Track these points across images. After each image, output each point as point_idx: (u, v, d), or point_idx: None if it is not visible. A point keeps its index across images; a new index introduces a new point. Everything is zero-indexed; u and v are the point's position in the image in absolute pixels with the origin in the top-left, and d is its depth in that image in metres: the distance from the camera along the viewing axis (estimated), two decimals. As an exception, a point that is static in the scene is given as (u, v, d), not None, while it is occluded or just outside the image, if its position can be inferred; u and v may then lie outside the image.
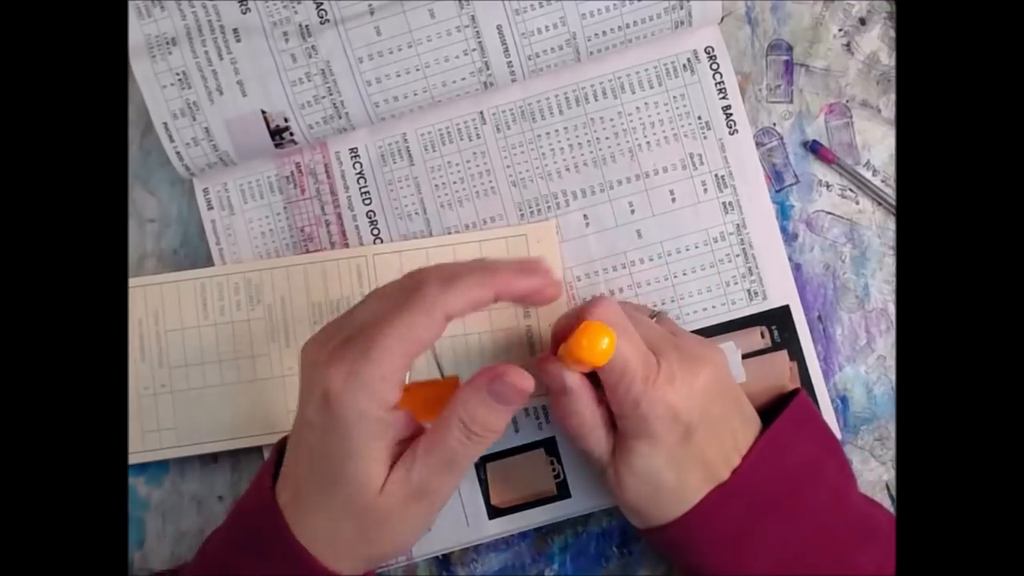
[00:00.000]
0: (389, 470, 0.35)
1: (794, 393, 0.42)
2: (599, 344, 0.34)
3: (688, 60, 0.46)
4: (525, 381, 0.34)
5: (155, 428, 0.45)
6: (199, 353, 0.46)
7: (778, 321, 0.46)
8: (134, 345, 0.46)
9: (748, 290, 0.46)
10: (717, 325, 0.46)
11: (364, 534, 0.35)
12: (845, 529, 0.38)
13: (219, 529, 0.39)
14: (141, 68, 0.45)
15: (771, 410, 0.40)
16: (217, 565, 0.37)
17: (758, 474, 0.38)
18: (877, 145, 0.47)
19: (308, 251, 0.47)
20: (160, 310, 0.46)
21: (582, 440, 0.38)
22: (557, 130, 0.47)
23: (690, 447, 0.37)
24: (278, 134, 0.45)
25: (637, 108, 0.46)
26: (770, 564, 0.37)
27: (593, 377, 0.38)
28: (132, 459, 0.45)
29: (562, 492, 0.45)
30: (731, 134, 0.46)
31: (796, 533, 0.37)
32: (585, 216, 0.46)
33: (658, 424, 0.36)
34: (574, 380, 0.37)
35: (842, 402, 0.46)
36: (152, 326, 0.46)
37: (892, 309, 0.46)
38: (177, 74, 0.45)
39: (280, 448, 0.38)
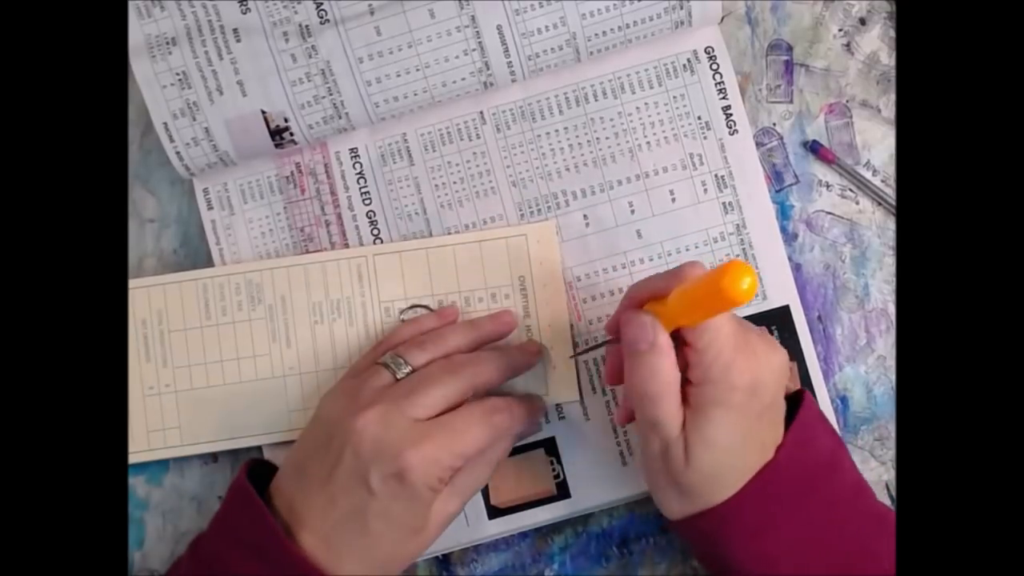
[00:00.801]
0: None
1: (799, 394, 0.42)
2: (741, 282, 0.33)
3: (688, 60, 0.46)
4: None
5: (160, 427, 0.46)
6: (201, 353, 0.46)
7: (778, 321, 0.46)
8: (139, 345, 0.46)
9: (748, 290, 0.46)
10: (717, 325, 0.46)
11: (391, 566, 0.39)
12: (863, 520, 0.38)
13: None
14: (141, 68, 0.45)
15: None
16: None
17: (788, 465, 0.38)
18: (877, 145, 0.47)
19: (308, 251, 0.47)
20: (163, 311, 0.46)
21: (657, 405, 0.36)
22: (557, 130, 0.47)
23: (759, 425, 0.37)
24: (278, 134, 0.45)
25: (637, 108, 0.46)
26: (792, 554, 0.37)
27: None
28: (137, 458, 0.46)
29: (562, 492, 0.45)
30: (731, 134, 0.46)
31: (818, 523, 0.37)
32: (585, 216, 0.46)
33: (740, 394, 0.36)
34: (665, 337, 0.36)
35: (842, 402, 0.46)
36: (156, 326, 0.46)
37: (892, 309, 0.46)
38: (177, 74, 0.45)
39: (260, 494, 0.39)
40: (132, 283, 0.46)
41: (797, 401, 0.40)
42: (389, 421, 0.38)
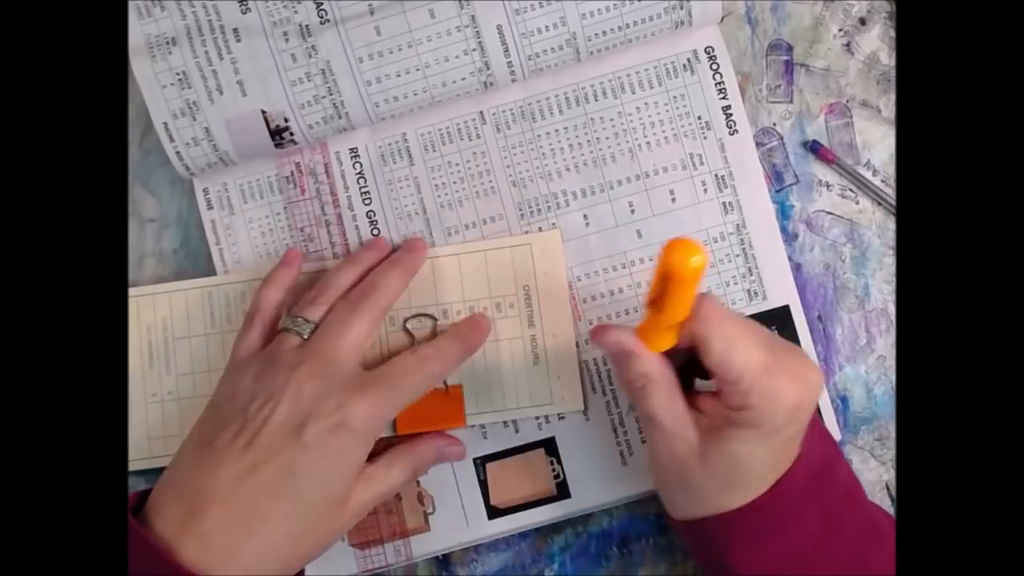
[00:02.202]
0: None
1: None
2: (690, 259, 0.30)
3: (688, 60, 0.46)
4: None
5: (161, 435, 0.45)
6: (205, 361, 0.46)
7: (778, 321, 0.46)
8: (143, 352, 0.46)
9: (748, 290, 0.46)
10: (717, 325, 0.46)
11: (306, 541, 0.37)
12: (857, 529, 0.38)
13: None
14: (141, 68, 0.45)
15: None
16: None
17: (795, 477, 0.37)
18: (877, 145, 0.47)
19: (308, 251, 0.47)
20: (168, 318, 0.46)
21: (645, 400, 0.37)
22: (557, 130, 0.47)
23: (790, 445, 0.37)
24: (278, 134, 0.45)
25: (637, 108, 0.46)
26: (790, 564, 0.37)
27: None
28: (137, 465, 0.45)
29: (562, 492, 0.45)
30: (731, 134, 0.46)
31: (815, 531, 0.37)
32: (585, 216, 0.46)
33: (781, 417, 0.35)
34: (652, 364, 0.36)
35: (842, 402, 0.46)
36: (160, 333, 0.46)
37: (892, 309, 0.46)
38: (177, 74, 0.45)
39: (137, 514, 0.36)
40: (137, 291, 0.46)
41: None
42: (325, 374, 0.38)
